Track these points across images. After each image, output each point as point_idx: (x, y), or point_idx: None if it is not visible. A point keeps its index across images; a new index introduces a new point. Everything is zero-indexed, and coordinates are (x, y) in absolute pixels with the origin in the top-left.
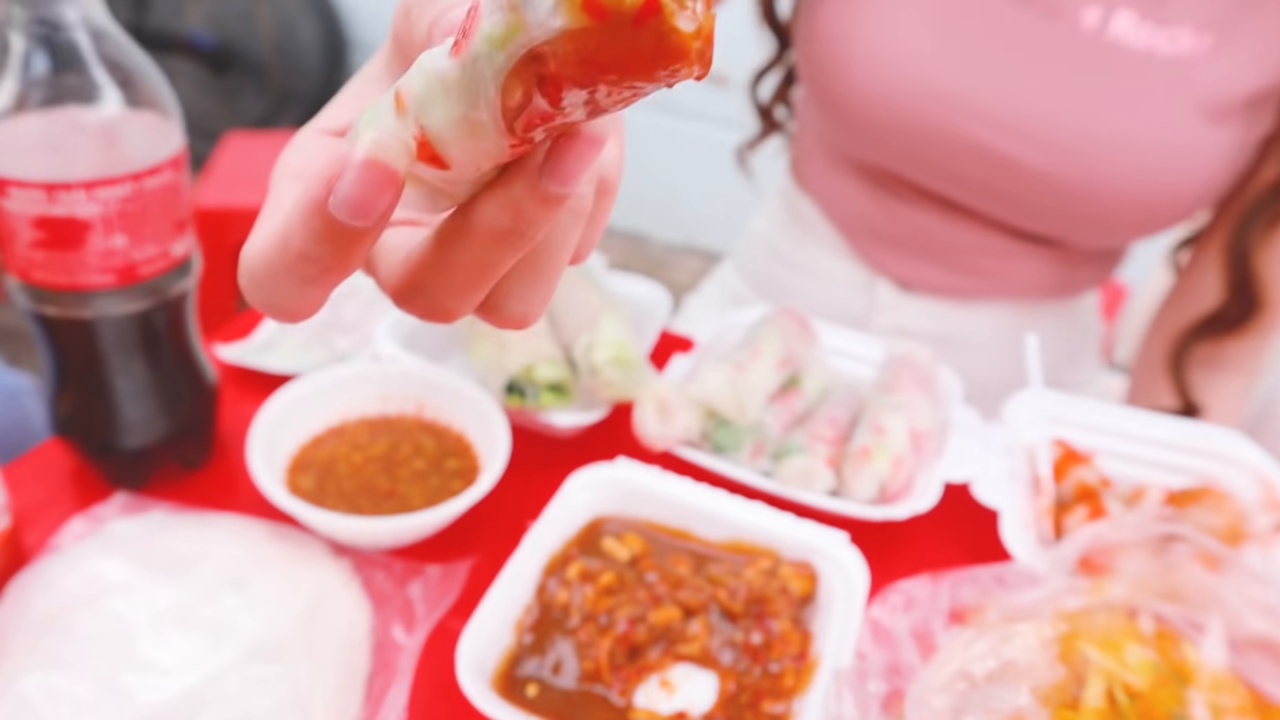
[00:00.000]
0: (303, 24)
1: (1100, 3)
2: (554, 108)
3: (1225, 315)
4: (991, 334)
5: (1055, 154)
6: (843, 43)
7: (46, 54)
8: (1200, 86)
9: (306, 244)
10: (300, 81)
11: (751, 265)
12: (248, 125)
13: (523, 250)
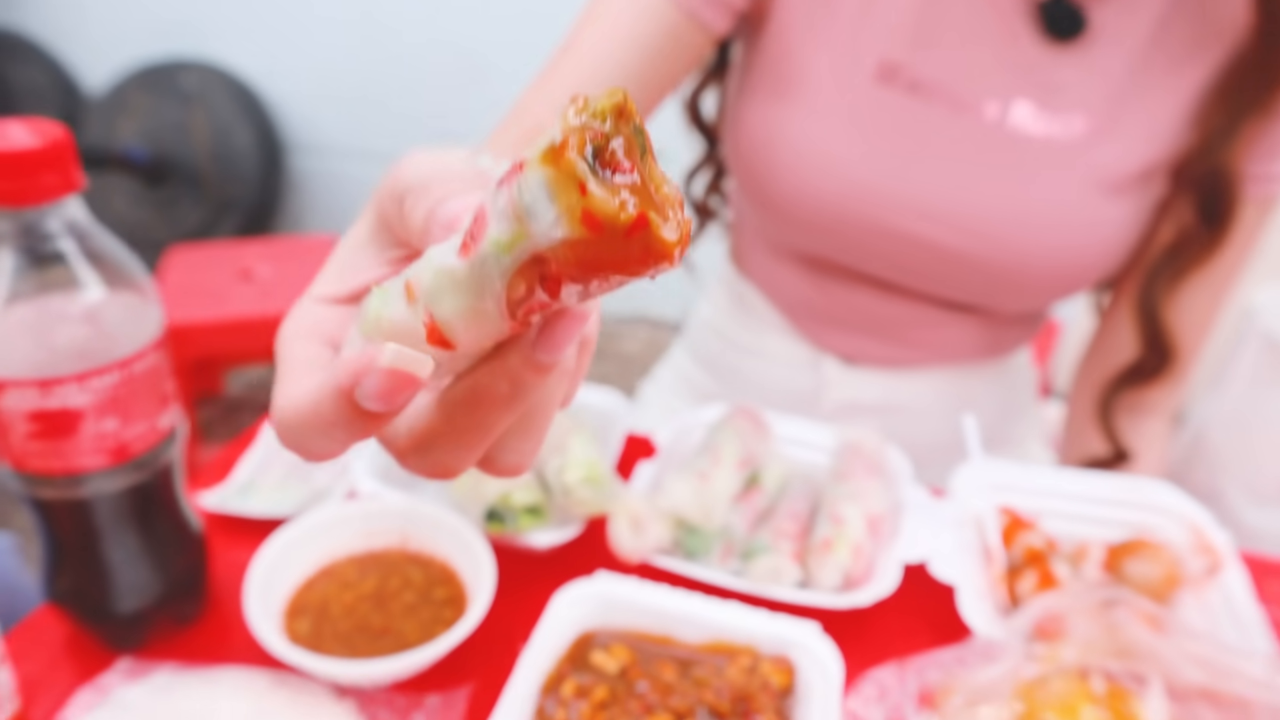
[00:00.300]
0: (238, 130)
1: (999, 97)
2: (553, 299)
3: (1143, 366)
4: (935, 399)
5: (970, 235)
6: (767, 146)
7: (32, 258)
8: (1096, 166)
9: (335, 416)
10: (238, 188)
11: (702, 350)
12: (186, 235)
13: (518, 412)
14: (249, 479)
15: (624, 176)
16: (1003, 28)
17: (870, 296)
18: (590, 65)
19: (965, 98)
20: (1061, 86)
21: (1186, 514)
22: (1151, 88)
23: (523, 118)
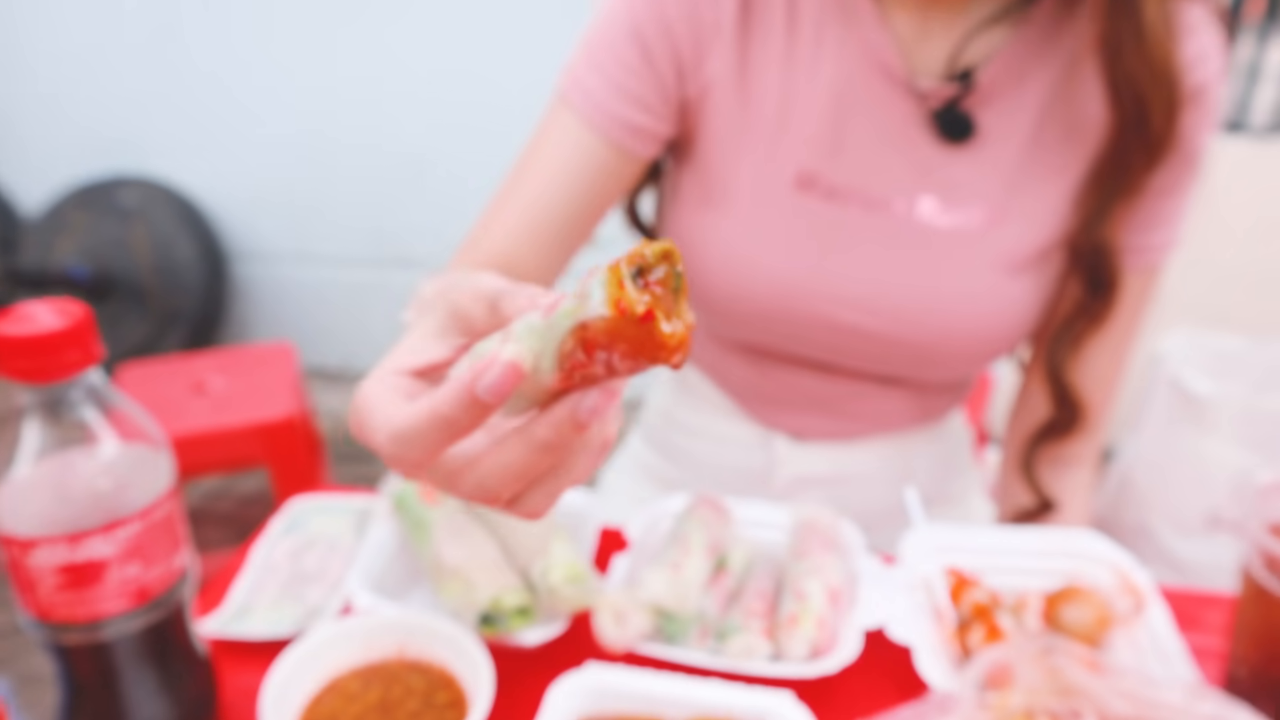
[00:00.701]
0: (179, 242)
1: (906, 195)
2: (587, 358)
3: (1056, 424)
4: (880, 466)
5: (891, 319)
6: (698, 250)
7: (56, 424)
8: (996, 250)
9: (453, 410)
10: (182, 299)
11: (656, 436)
12: (131, 350)
13: (554, 459)
14: (244, 601)
15: (652, 291)
16: (904, 134)
17: (810, 377)
18: (535, 198)
19: (876, 198)
20: (959, 182)
21: (1111, 558)
22: (1037, 178)
23: (478, 245)
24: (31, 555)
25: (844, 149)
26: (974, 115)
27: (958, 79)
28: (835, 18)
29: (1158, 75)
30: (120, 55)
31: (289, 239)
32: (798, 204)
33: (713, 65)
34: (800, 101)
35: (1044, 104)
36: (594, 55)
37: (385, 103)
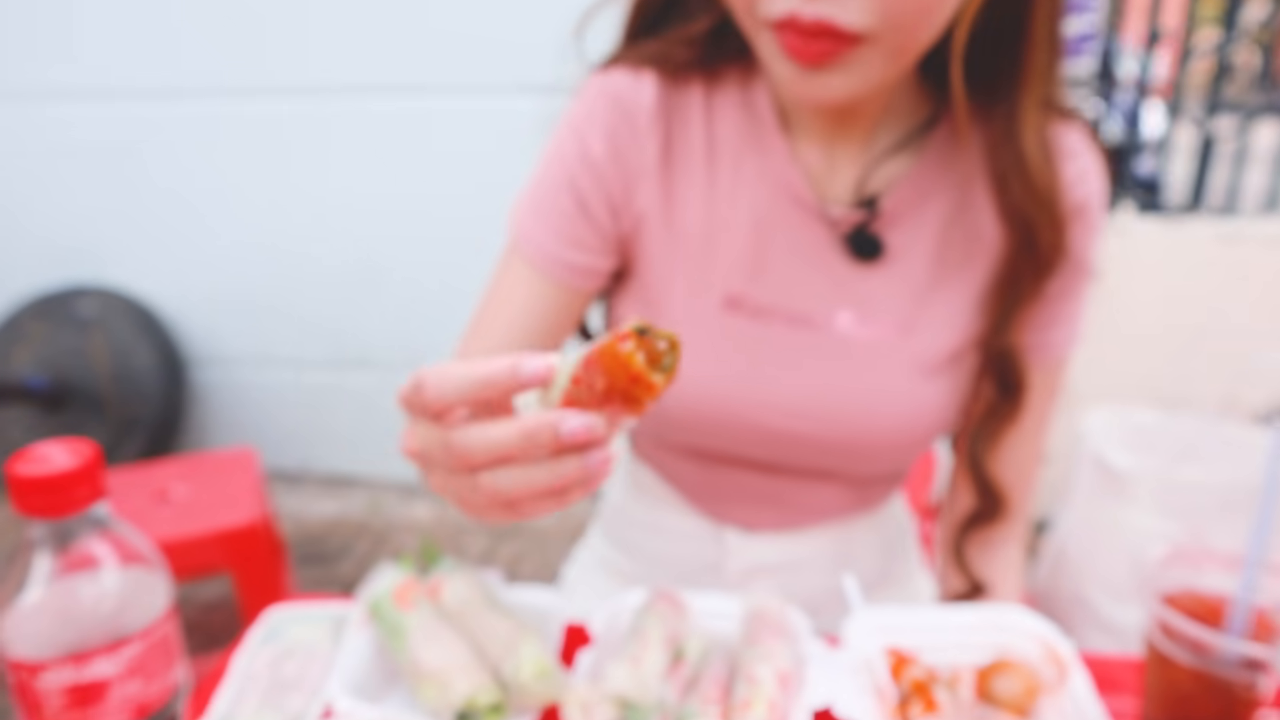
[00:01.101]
0: (138, 350)
1: (825, 311)
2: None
3: (980, 513)
4: (825, 553)
5: (820, 423)
6: None
7: (64, 553)
8: (912, 356)
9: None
10: (140, 407)
11: (614, 532)
12: None
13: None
14: (227, 713)
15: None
16: (820, 255)
17: (753, 475)
18: (498, 340)
19: (798, 314)
20: (873, 297)
21: (1036, 631)
22: (944, 290)
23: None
24: (39, 678)
25: (766, 271)
26: (882, 236)
27: (864, 205)
28: (750, 152)
29: (1041, 202)
30: (77, 170)
31: (247, 344)
32: (727, 323)
33: (641, 201)
34: (723, 229)
35: (945, 223)
36: (537, 206)
37: (340, 210)
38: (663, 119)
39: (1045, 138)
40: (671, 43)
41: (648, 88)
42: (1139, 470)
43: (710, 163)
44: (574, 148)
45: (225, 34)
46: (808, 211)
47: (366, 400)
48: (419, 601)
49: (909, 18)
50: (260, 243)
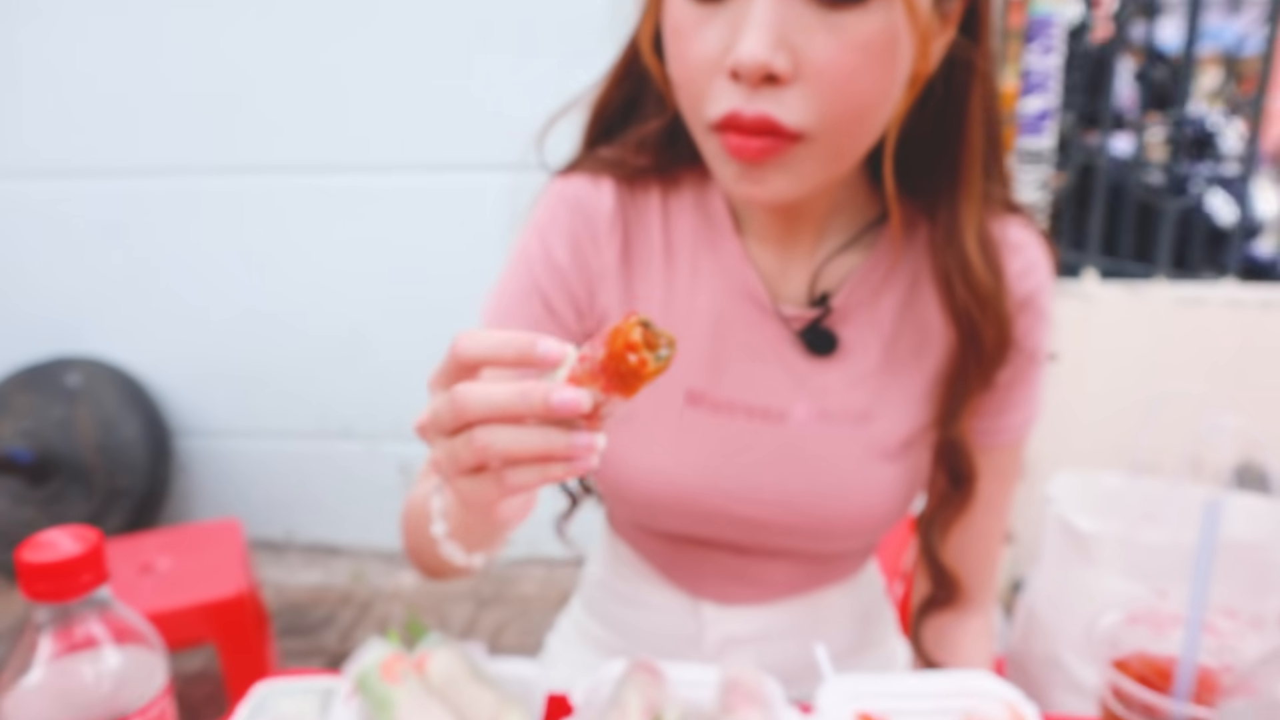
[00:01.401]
0: (124, 421)
1: (785, 403)
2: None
3: (936, 599)
4: (801, 622)
5: (783, 509)
6: (611, 464)
7: (66, 635)
8: (870, 442)
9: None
10: (125, 477)
11: (595, 605)
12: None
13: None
14: None
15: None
16: (776, 351)
17: (725, 555)
18: None
19: (758, 408)
20: (830, 389)
21: (1002, 694)
22: (897, 379)
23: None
24: None
25: (725, 367)
26: (835, 331)
27: (817, 303)
28: (706, 252)
29: (983, 302)
30: (64, 245)
31: (232, 415)
32: (689, 416)
33: (604, 301)
34: (682, 328)
35: (896, 315)
36: (505, 308)
37: (323, 283)
38: (621, 223)
39: (987, 235)
40: (629, 148)
41: (607, 193)
42: (1103, 533)
43: (668, 264)
44: (538, 252)
45: (210, 113)
46: (763, 310)
47: (350, 470)
48: (405, 675)
49: (845, 119)
50: (245, 315)
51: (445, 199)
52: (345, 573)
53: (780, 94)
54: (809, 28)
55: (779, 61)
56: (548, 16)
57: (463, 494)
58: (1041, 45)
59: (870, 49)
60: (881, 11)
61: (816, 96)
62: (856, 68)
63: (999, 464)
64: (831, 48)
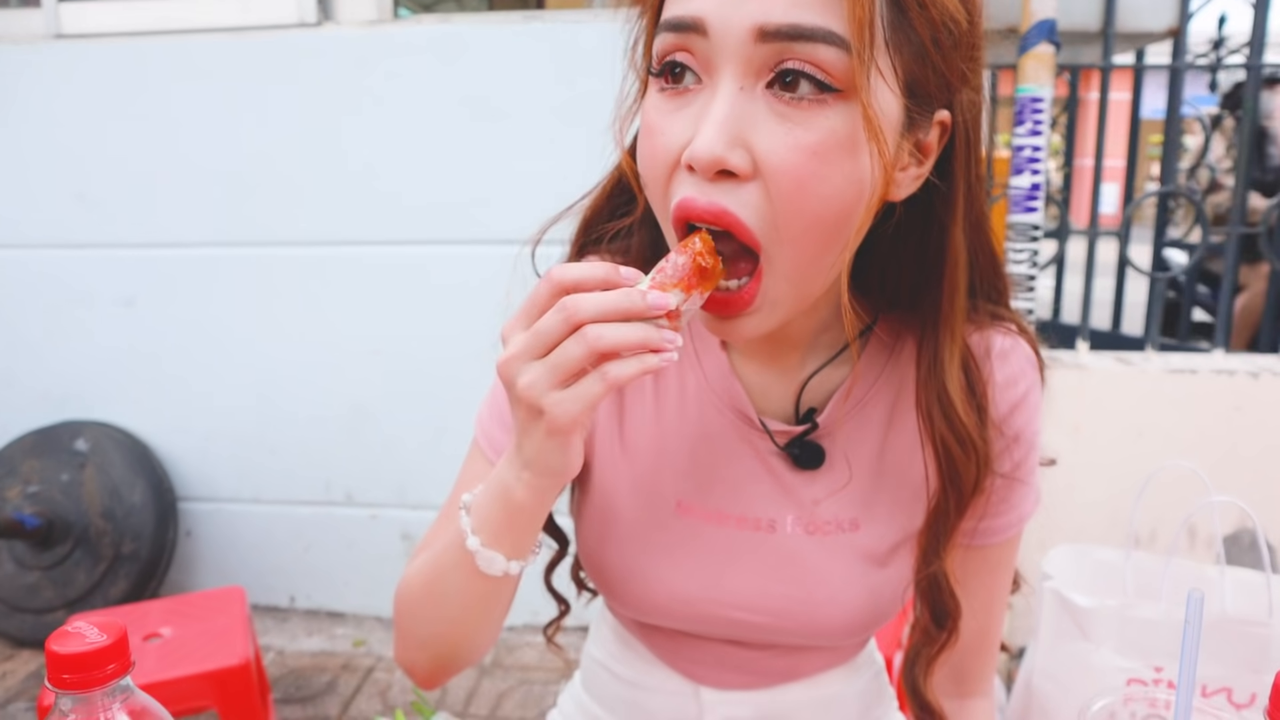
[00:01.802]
0: (131, 486)
1: (774, 514)
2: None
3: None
4: (802, 704)
5: (775, 615)
6: (598, 565)
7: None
8: (859, 549)
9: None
10: (130, 543)
11: (595, 685)
12: (77, 594)
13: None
14: None
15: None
16: (765, 464)
17: (722, 648)
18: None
19: (748, 518)
20: (818, 500)
21: None
22: (885, 489)
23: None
24: None
25: (715, 480)
26: (822, 444)
27: (803, 419)
28: (694, 370)
29: (964, 443)
30: (77, 316)
31: (238, 481)
32: (682, 526)
33: (596, 416)
34: (673, 441)
35: (883, 426)
36: (501, 416)
37: (328, 354)
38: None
39: (969, 357)
40: (616, 256)
41: None
42: (1099, 609)
43: (657, 377)
44: None
45: (221, 189)
46: (750, 424)
47: (353, 537)
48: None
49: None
50: (252, 384)
51: (448, 273)
52: (348, 640)
53: (738, 190)
54: (767, 127)
55: (734, 157)
56: (553, 100)
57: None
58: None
59: (826, 155)
60: (841, 119)
61: (774, 196)
62: (814, 170)
63: (993, 559)
64: (786, 148)
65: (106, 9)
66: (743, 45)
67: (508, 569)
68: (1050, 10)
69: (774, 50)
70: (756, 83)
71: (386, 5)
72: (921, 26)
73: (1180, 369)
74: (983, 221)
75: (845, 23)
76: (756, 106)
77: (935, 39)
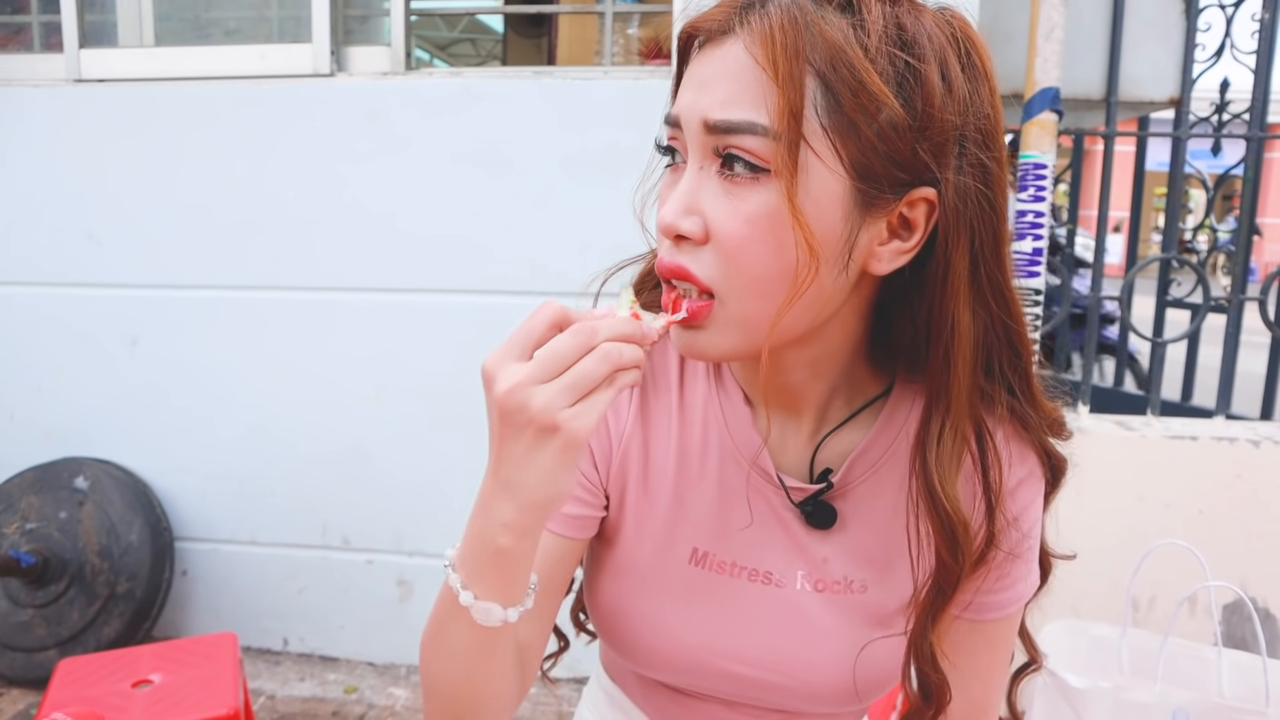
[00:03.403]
0: (128, 525)
1: (785, 571)
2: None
3: None
4: None
5: (779, 673)
6: (610, 611)
7: None
8: (866, 610)
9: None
10: (126, 583)
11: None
12: (72, 632)
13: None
14: None
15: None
16: (779, 520)
17: (721, 709)
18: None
19: (760, 571)
20: (829, 559)
21: None
22: (895, 553)
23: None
24: None
25: (729, 532)
26: (836, 505)
27: (819, 478)
28: (716, 421)
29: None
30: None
31: (234, 522)
32: (693, 574)
33: (622, 457)
34: (692, 488)
35: (897, 491)
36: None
37: (326, 398)
38: (640, 387)
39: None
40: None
41: None
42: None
43: (682, 427)
44: None
45: (225, 233)
46: (767, 479)
47: (349, 582)
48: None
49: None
50: (251, 426)
51: (450, 321)
52: (339, 685)
53: (696, 251)
54: (716, 198)
55: (685, 224)
56: (560, 153)
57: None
58: (1033, 191)
59: (757, 223)
60: (774, 191)
61: (720, 257)
62: (745, 237)
63: (990, 636)
64: (725, 215)
65: (126, 55)
66: (698, 135)
67: (505, 617)
68: (1053, 79)
69: (718, 139)
70: (712, 164)
71: (399, 58)
72: (855, 114)
73: (1181, 435)
74: (999, 299)
75: (773, 115)
76: (710, 183)
77: (873, 126)
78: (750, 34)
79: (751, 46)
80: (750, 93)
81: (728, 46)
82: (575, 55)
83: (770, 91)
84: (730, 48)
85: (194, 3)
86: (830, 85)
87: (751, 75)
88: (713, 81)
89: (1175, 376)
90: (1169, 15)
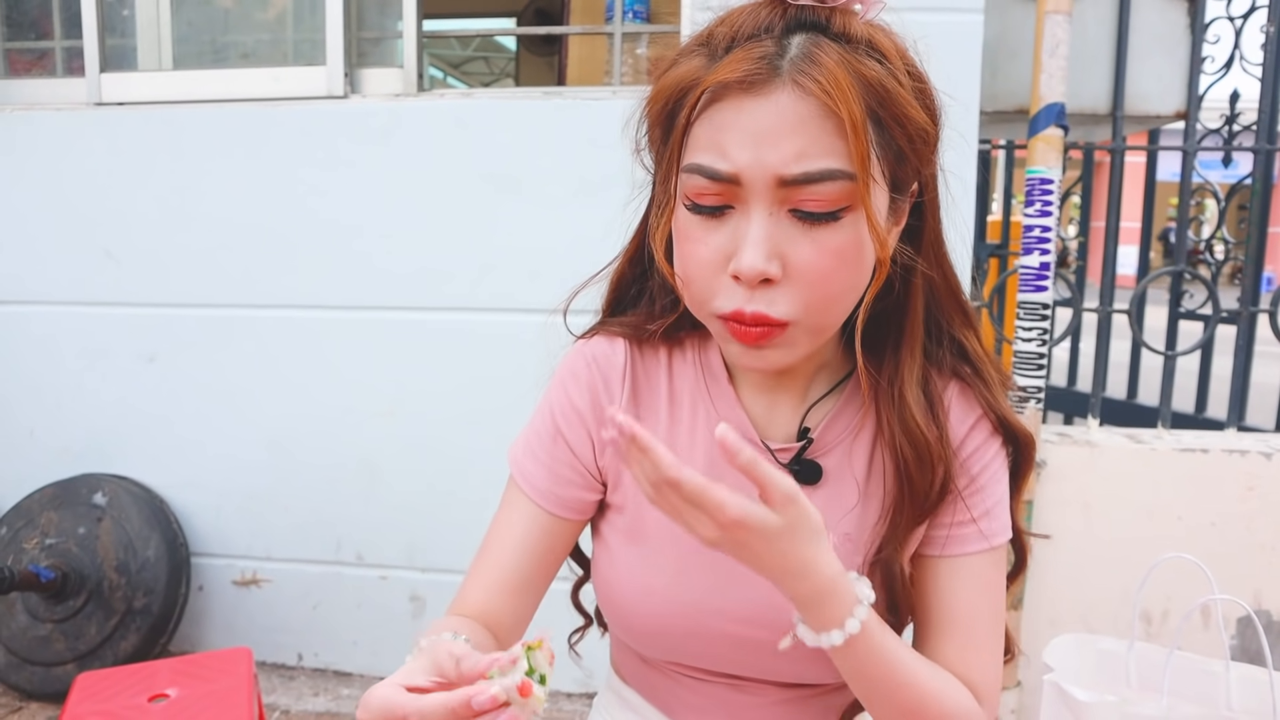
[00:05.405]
0: (145, 540)
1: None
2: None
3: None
4: None
5: (776, 629)
6: (623, 580)
7: None
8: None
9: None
10: (143, 598)
11: None
12: (88, 646)
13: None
14: None
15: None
16: None
17: (724, 688)
18: (502, 563)
19: None
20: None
21: None
22: (874, 503)
23: (465, 600)
24: None
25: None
26: (820, 462)
27: (801, 438)
28: (704, 401)
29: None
30: (99, 372)
31: (249, 537)
32: (694, 543)
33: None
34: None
35: (870, 450)
36: (533, 450)
37: (342, 416)
38: (631, 376)
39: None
40: (641, 318)
41: (620, 351)
42: (1098, 704)
43: (671, 412)
44: (561, 400)
45: (240, 252)
46: (753, 445)
47: (362, 598)
48: None
49: (821, 307)
50: (266, 443)
51: (462, 339)
52: (353, 701)
53: (771, 293)
54: (794, 240)
55: (772, 269)
56: (570, 173)
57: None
58: (1039, 206)
59: (843, 254)
60: (850, 226)
61: (800, 292)
62: (833, 269)
63: (963, 576)
64: (812, 255)
65: (145, 79)
66: (768, 189)
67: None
68: (1059, 94)
69: (792, 190)
70: (781, 208)
71: (411, 79)
72: (900, 139)
73: (1192, 447)
74: (945, 263)
75: (847, 159)
76: (783, 226)
77: (911, 145)
78: (807, 83)
79: (805, 97)
80: (819, 143)
81: (775, 98)
82: (585, 75)
83: (837, 136)
84: (777, 99)
85: (211, 26)
86: (881, 120)
87: (817, 125)
88: (773, 135)
89: (1189, 388)
90: (1174, 30)
